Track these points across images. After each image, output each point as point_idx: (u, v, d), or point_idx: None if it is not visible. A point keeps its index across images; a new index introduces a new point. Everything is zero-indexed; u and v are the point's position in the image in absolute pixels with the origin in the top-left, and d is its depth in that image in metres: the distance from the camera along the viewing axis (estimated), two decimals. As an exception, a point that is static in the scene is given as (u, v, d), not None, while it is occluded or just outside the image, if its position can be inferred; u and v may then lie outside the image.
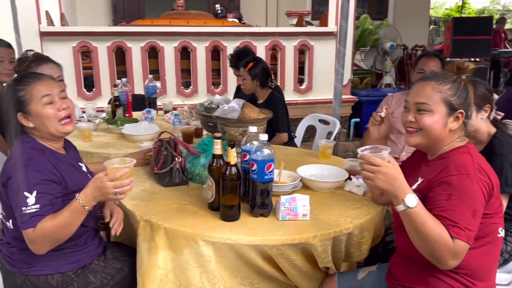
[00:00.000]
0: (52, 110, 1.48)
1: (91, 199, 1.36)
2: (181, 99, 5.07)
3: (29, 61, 1.97)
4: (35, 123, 1.48)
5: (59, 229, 1.35)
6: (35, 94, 1.47)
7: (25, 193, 1.34)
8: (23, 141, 1.49)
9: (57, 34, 4.70)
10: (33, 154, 1.45)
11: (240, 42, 5.09)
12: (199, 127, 2.70)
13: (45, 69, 1.95)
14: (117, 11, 8.10)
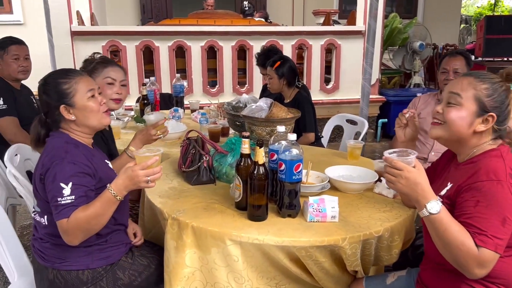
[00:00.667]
0: (95, 103, 1.56)
1: (122, 188, 1.39)
2: (207, 98, 5.11)
3: (95, 63, 1.98)
4: (77, 115, 1.53)
5: (91, 219, 1.37)
6: (80, 87, 1.53)
7: (61, 184, 1.37)
8: (57, 136, 1.54)
9: (87, 33, 4.80)
10: (68, 147, 1.48)
11: (267, 41, 5.08)
12: (226, 126, 2.70)
13: (111, 71, 1.98)
14: (145, 11, 8.21)
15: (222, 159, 1.93)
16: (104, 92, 1.94)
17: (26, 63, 2.72)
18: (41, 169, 1.44)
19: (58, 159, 1.42)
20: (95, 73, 1.97)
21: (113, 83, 1.99)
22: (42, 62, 5.35)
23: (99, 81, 1.96)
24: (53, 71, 1.59)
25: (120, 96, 2.01)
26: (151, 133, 1.94)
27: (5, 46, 2.66)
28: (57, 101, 1.50)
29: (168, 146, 2.52)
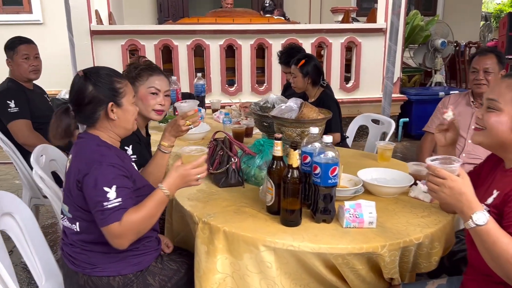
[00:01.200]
0: (135, 109, 1.56)
1: (174, 187, 1.42)
2: (226, 97, 5.07)
3: (140, 69, 1.91)
4: (119, 116, 1.50)
5: (145, 220, 1.37)
6: (129, 91, 1.53)
7: (105, 188, 1.34)
8: (87, 139, 1.50)
9: (106, 32, 4.80)
10: (102, 150, 1.45)
11: (286, 39, 5.02)
12: (250, 126, 2.66)
13: (155, 80, 1.91)
14: (162, 10, 8.21)
15: (250, 161, 1.89)
16: (147, 102, 1.90)
17: (37, 62, 2.70)
18: (78, 175, 1.39)
19: (96, 163, 1.38)
20: (139, 81, 1.91)
21: (157, 93, 1.92)
22: (61, 61, 5.39)
23: (143, 89, 1.90)
24: (103, 67, 1.54)
25: (163, 107, 1.94)
26: (179, 123, 1.77)
27: (14, 47, 2.63)
28: (108, 97, 1.47)
29: (192, 146, 2.48)
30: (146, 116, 1.96)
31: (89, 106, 1.46)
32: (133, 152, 1.85)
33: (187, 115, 1.78)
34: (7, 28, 6.07)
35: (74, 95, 1.48)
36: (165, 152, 1.80)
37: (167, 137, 1.80)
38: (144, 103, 1.92)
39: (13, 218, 1.59)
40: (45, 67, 2.78)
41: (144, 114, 1.95)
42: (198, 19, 5.01)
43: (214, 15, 5.06)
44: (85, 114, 1.49)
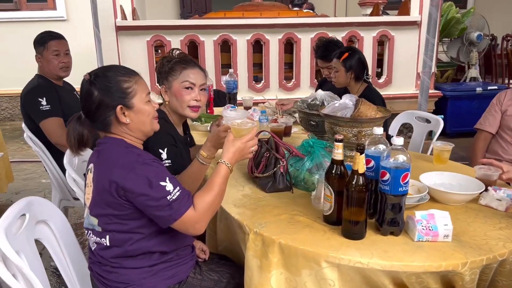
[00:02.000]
0: (151, 108, 1.41)
1: (234, 161, 1.41)
2: (252, 94, 4.92)
3: (174, 62, 1.76)
4: (132, 119, 1.36)
5: (217, 197, 1.34)
6: (141, 88, 1.38)
7: (161, 183, 1.25)
8: (113, 143, 1.37)
9: (132, 28, 4.69)
10: (134, 151, 1.33)
11: (315, 33, 4.84)
12: (288, 124, 2.50)
13: (190, 73, 1.73)
14: (185, 5, 8.10)
15: (298, 164, 1.73)
16: (181, 98, 1.75)
17: (67, 59, 2.57)
18: (117, 183, 1.25)
19: (137, 164, 1.26)
20: (173, 75, 1.76)
21: (191, 87, 1.76)
22: (85, 58, 5.31)
23: (176, 84, 1.75)
24: (107, 67, 1.41)
25: (198, 103, 1.78)
26: (220, 135, 1.57)
27: (45, 42, 2.51)
28: (115, 100, 1.32)
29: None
30: (181, 114, 1.82)
31: (98, 112, 1.34)
32: (168, 157, 1.69)
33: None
34: (31, 25, 6.04)
35: (83, 101, 1.36)
36: (204, 164, 1.59)
37: (207, 147, 1.60)
38: (178, 99, 1.77)
39: (48, 225, 1.47)
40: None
41: (179, 112, 1.81)
42: (225, 14, 4.86)
43: (241, 9, 4.90)
44: (98, 120, 1.36)
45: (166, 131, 1.70)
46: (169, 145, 1.70)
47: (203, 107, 1.87)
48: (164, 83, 1.78)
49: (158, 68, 1.81)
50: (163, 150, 1.66)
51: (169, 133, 1.73)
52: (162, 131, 1.68)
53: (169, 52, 1.84)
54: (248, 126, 1.44)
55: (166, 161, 1.66)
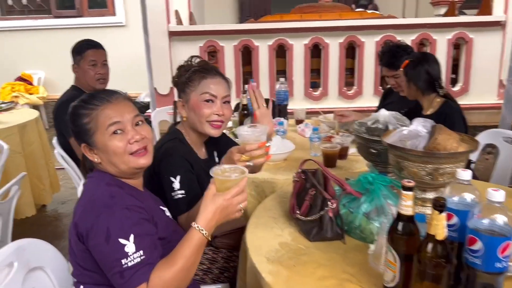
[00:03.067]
0: (120, 142, 1.15)
1: (213, 224, 1.10)
2: (309, 102, 4.57)
3: (191, 72, 1.52)
4: (101, 157, 1.16)
5: (182, 273, 1.05)
6: (101, 120, 1.14)
7: (120, 240, 1.01)
8: (95, 177, 1.18)
9: (185, 33, 4.53)
10: (112, 190, 1.11)
11: (381, 36, 4.39)
12: (345, 145, 2.12)
13: (210, 84, 1.50)
14: (244, 9, 7.90)
15: (353, 204, 1.37)
16: (200, 112, 1.49)
17: (104, 70, 2.39)
18: (81, 226, 1.06)
19: (105, 209, 1.05)
20: (191, 86, 1.51)
21: (212, 100, 1.50)
22: (142, 64, 5.25)
23: (195, 97, 1.50)
24: (83, 96, 1.23)
25: (221, 117, 1.51)
26: (233, 156, 1.34)
27: (82, 51, 2.35)
28: (78, 138, 1.19)
29: (271, 170, 2.01)
30: (200, 131, 1.54)
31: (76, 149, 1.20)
32: (181, 186, 1.42)
33: (244, 149, 1.32)
34: (92, 31, 6.12)
35: None
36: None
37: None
38: (196, 114, 1.51)
39: (45, 272, 1.24)
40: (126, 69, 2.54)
41: (198, 128, 1.54)
42: (281, 16, 4.56)
43: (299, 11, 4.57)
44: None
45: (180, 155, 1.45)
46: (184, 172, 1.44)
47: (227, 123, 1.59)
48: (182, 96, 1.53)
49: (174, 79, 1.56)
50: (175, 178, 1.42)
51: (184, 157, 1.47)
52: (174, 156, 1.45)
53: (187, 60, 1.57)
54: (234, 177, 1.11)
55: (179, 192, 1.41)
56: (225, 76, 1.60)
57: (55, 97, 6.22)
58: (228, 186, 1.10)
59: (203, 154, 1.65)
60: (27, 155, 3.05)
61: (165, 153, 1.49)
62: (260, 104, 1.59)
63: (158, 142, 1.59)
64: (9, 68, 6.29)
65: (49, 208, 3.47)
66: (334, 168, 2.01)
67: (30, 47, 6.33)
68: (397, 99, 2.70)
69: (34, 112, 3.43)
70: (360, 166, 2.03)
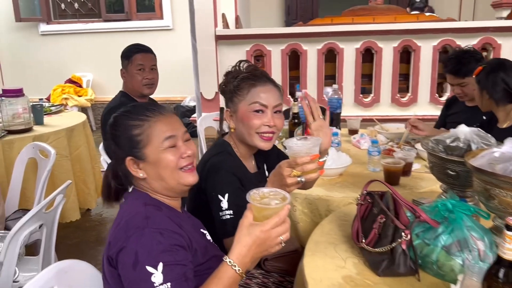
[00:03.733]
0: (173, 156, 1.08)
1: (248, 260, 0.97)
2: (359, 109, 4.36)
3: (239, 79, 1.41)
4: (147, 172, 1.07)
5: None
6: (156, 133, 1.07)
7: (148, 267, 0.92)
8: (133, 198, 1.09)
9: (232, 37, 4.44)
10: (148, 211, 1.01)
11: (439, 40, 4.11)
12: (408, 160, 1.93)
13: (260, 92, 1.38)
14: (290, 12, 7.75)
15: (428, 235, 1.19)
16: (249, 123, 1.37)
17: (152, 75, 2.32)
18: (111, 249, 0.98)
19: (136, 231, 0.96)
20: (239, 95, 1.40)
21: (262, 110, 1.38)
22: (187, 67, 5.24)
23: (243, 107, 1.39)
24: (127, 107, 1.16)
25: (272, 129, 1.38)
26: (283, 172, 1.18)
27: (130, 55, 2.30)
28: (124, 151, 1.09)
29: (326, 186, 1.85)
30: (249, 143, 1.42)
31: (116, 164, 1.12)
32: (229, 206, 1.30)
33: (295, 162, 1.16)
34: (140, 34, 6.20)
35: None
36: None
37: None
38: (245, 125, 1.39)
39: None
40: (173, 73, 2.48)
41: (247, 140, 1.42)
42: (332, 19, 4.37)
43: (350, 14, 4.37)
44: (121, 172, 1.12)
45: (229, 171, 1.33)
46: (233, 190, 1.32)
47: (278, 134, 1.45)
48: (229, 106, 1.42)
49: (221, 87, 1.45)
50: (223, 196, 1.30)
51: (232, 172, 1.35)
52: (223, 171, 1.33)
53: (235, 65, 1.45)
54: (274, 204, 0.97)
55: (227, 212, 1.29)
56: (276, 82, 1.48)
57: (102, 99, 6.38)
58: (266, 214, 0.96)
59: (253, 168, 1.53)
60: (74, 159, 3.05)
61: (213, 168, 1.37)
62: (317, 115, 1.43)
63: (204, 155, 1.48)
64: (61, 70, 6.48)
65: (94, 212, 3.47)
66: (397, 186, 1.83)
67: (81, 50, 6.48)
68: (462, 110, 2.47)
69: (81, 115, 3.44)
70: (425, 185, 1.84)
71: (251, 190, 1.01)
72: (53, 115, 3.39)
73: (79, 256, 1.25)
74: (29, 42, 6.58)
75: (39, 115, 2.99)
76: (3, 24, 6.59)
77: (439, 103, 4.27)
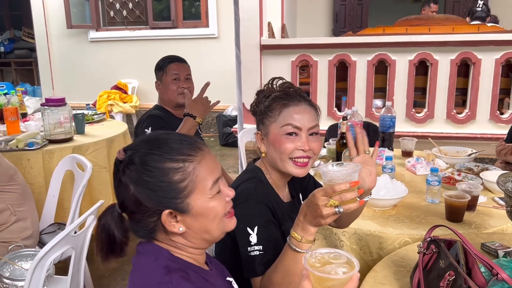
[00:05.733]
0: (220, 204, 0.89)
1: None
2: (411, 125, 4.09)
3: (271, 99, 1.27)
4: (189, 225, 0.87)
5: None
6: (203, 175, 0.86)
7: None
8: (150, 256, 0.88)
9: (277, 47, 4.31)
10: (174, 282, 0.82)
11: (502, 53, 3.78)
12: (474, 193, 1.69)
13: (293, 113, 1.23)
14: (338, 20, 7.52)
15: (510, 299, 0.97)
16: (281, 147, 1.22)
17: (187, 84, 2.22)
18: None
19: None
20: (270, 117, 1.25)
21: (296, 133, 1.23)
22: (231, 76, 5.15)
23: (275, 129, 1.23)
24: (152, 139, 0.90)
25: (307, 153, 1.22)
26: (318, 202, 0.97)
27: (164, 66, 2.22)
28: (160, 202, 0.84)
29: (378, 220, 1.64)
30: (281, 170, 1.27)
31: (136, 215, 0.85)
32: (258, 240, 1.14)
33: (333, 190, 0.95)
34: (185, 42, 6.19)
35: (116, 191, 0.89)
36: (298, 251, 1.01)
37: (301, 225, 1.01)
38: (277, 149, 1.24)
39: None
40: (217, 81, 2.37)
41: (279, 167, 1.26)
42: (384, 29, 4.13)
43: (405, 24, 4.11)
44: (136, 225, 0.87)
45: (260, 201, 1.19)
46: (263, 222, 1.16)
47: (314, 159, 1.27)
48: (260, 128, 1.28)
49: (252, 107, 1.31)
50: (252, 229, 1.14)
51: (264, 202, 1.20)
52: (253, 200, 1.18)
53: (267, 83, 1.29)
54: (340, 276, 0.77)
55: (256, 248, 1.13)
56: (312, 101, 1.31)
57: (147, 106, 6.41)
58: (330, 286, 0.78)
59: (286, 196, 1.37)
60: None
61: (242, 196, 1.22)
62: (362, 150, 1.22)
63: (234, 182, 1.33)
64: (108, 76, 6.58)
65: (131, 223, 3.41)
66: (459, 224, 1.60)
67: (127, 56, 6.56)
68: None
69: (123, 125, 3.41)
70: (494, 223, 1.60)
71: (306, 254, 0.83)
72: (94, 124, 3.37)
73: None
74: (79, 49, 6.74)
75: (80, 124, 2.97)
76: (55, 31, 6.79)
77: (499, 121, 3.92)
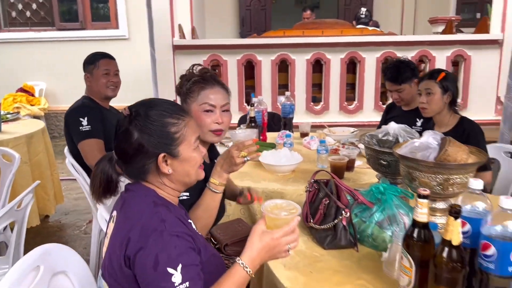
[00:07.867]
0: (199, 155, 1.19)
1: (257, 262, 1.08)
2: (310, 116, 4.64)
3: (191, 82, 1.56)
4: (175, 169, 1.14)
5: None
6: (190, 132, 1.16)
7: (168, 269, 0.99)
8: (140, 194, 1.13)
9: (189, 47, 4.61)
10: (162, 212, 1.07)
11: (381, 53, 4.49)
12: (352, 157, 2.18)
13: (209, 94, 1.55)
14: (245, 24, 8.03)
15: (365, 214, 1.41)
16: (201, 122, 1.54)
17: (116, 79, 2.46)
18: (128, 249, 1.03)
19: (154, 233, 1.01)
20: (191, 97, 1.56)
21: (212, 110, 1.56)
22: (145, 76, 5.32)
23: (195, 107, 1.55)
24: (152, 102, 1.17)
25: (221, 126, 1.57)
26: (233, 155, 1.41)
27: (96, 60, 2.43)
28: (158, 147, 1.10)
29: (280, 181, 2.06)
30: (203, 140, 1.59)
31: (136, 158, 1.11)
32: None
33: (243, 145, 1.43)
34: (95, 43, 6.19)
35: (118, 141, 1.14)
36: (216, 192, 1.44)
37: (218, 173, 1.45)
38: (198, 124, 1.53)
39: (67, 277, 1.27)
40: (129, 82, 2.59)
41: (201, 137, 1.59)
42: (284, 32, 4.65)
43: (301, 28, 4.67)
44: (132, 167, 1.14)
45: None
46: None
47: (226, 130, 1.65)
48: (184, 106, 1.57)
49: (177, 88, 1.60)
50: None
51: None
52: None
53: (189, 69, 1.62)
54: (283, 215, 1.13)
55: (184, 194, 1.45)
56: (224, 84, 1.65)
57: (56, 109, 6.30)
58: (278, 224, 1.10)
59: (207, 159, 1.70)
60: (33, 165, 3.07)
61: None
62: None
63: None
64: (11, 79, 6.33)
65: (52, 218, 3.49)
66: (342, 180, 2.06)
67: (33, 58, 6.38)
68: (400, 114, 2.76)
69: (40, 122, 3.46)
70: (367, 178, 2.08)
71: (266, 202, 1.18)
72: (9, 122, 3.39)
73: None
74: (-23, 50, 6.40)
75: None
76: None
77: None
